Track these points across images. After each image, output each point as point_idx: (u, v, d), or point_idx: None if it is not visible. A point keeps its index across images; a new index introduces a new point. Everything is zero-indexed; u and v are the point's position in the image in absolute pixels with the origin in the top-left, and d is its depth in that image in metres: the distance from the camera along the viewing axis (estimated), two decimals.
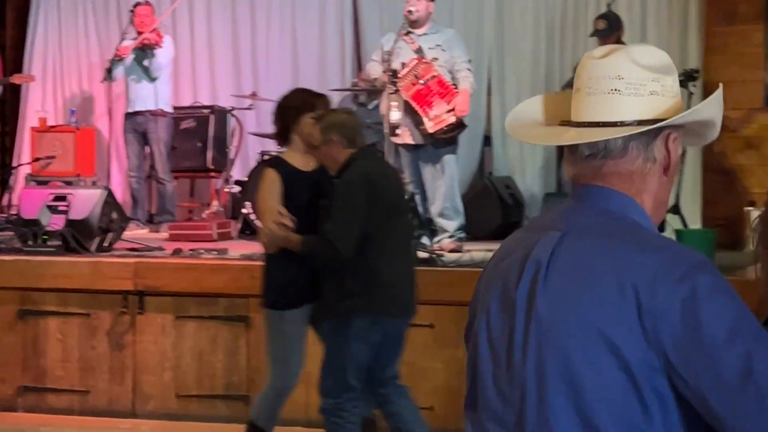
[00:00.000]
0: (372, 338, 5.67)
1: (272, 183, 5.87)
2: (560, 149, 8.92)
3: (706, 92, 9.93)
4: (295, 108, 6.02)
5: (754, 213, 9.18)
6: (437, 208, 9.02)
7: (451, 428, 7.24)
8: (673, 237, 8.22)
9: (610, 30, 9.46)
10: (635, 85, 2.23)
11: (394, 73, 8.82)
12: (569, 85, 9.88)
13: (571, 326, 2.12)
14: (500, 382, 2.23)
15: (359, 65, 12.06)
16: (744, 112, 9.78)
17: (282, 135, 6.12)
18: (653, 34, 10.87)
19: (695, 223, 9.68)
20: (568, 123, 2.30)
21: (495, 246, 8.13)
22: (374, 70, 9.00)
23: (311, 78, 12.01)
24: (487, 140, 11.45)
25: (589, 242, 2.18)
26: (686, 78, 9.27)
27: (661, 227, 9.12)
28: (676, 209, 9.44)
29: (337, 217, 5.61)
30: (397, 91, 8.92)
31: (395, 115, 9.05)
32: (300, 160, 6.01)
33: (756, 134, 9.74)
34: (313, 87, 11.61)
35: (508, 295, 2.23)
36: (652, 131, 2.22)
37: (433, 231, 9.13)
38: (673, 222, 9.33)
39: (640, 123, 2.22)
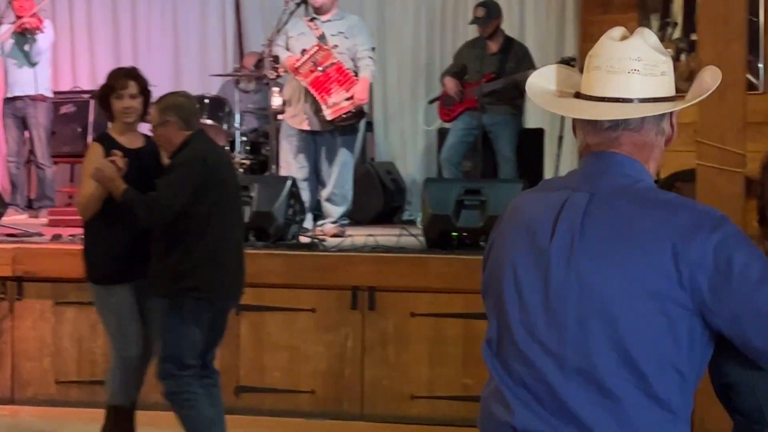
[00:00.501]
0: (205, 318, 5.73)
1: (95, 155, 5.87)
2: (441, 135, 9.01)
3: None
4: (104, 87, 6.06)
5: None
6: (326, 193, 9.04)
7: (332, 412, 7.31)
8: None
9: (489, 17, 9.57)
10: (651, 66, 2.52)
11: (276, 59, 8.85)
12: (449, 72, 9.99)
13: (612, 277, 2.40)
14: (531, 327, 2.49)
15: (241, 51, 12.05)
16: None
17: (106, 114, 6.15)
18: (531, 22, 11.04)
19: None
20: (582, 96, 2.57)
21: (377, 231, 8.16)
22: (279, 55, 8.96)
23: (192, 63, 11.99)
24: (369, 126, 11.50)
25: (621, 203, 2.46)
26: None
27: None
28: None
29: (164, 186, 5.65)
30: (278, 76, 8.94)
31: (276, 100, 9.08)
32: (125, 137, 6.03)
33: None
34: (195, 72, 11.77)
35: (541, 250, 2.50)
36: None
37: (317, 216, 9.17)
38: None
39: (656, 100, 2.52)
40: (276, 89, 9.17)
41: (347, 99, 8.71)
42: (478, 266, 7.50)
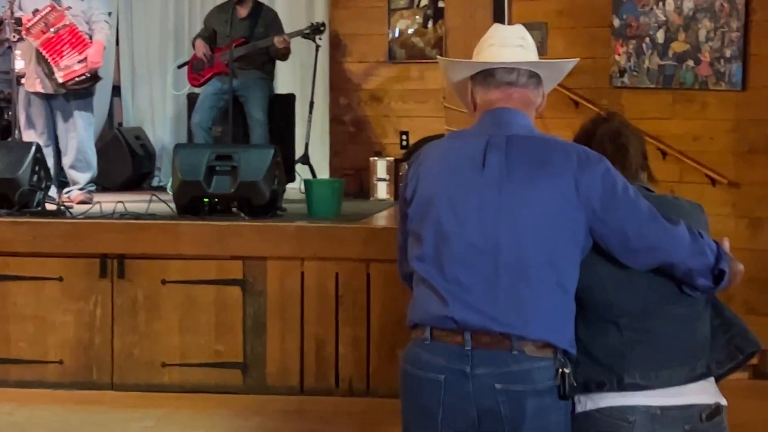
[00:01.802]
0: None
1: None
2: (191, 100, 8.88)
3: (332, 45, 10.17)
4: None
5: (380, 162, 9.50)
6: (69, 160, 8.86)
7: (81, 381, 7.18)
8: (302, 187, 8.42)
9: None
10: (529, 45, 3.47)
11: (18, 21, 8.59)
12: (199, 36, 9.86)
13: (533, 198, 3.22)
14: (468, 236, 3.24)
15: None
16: (369, 65, 10.08)
17: None
18: None
19: (323, 173, 9.92)
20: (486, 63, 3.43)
21: (126, 197, 7.97)
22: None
23: None
24: (116, 90, 11.31)
25: (531, 144, 3.31)
26: (313, 31, 9.46)
27: (291, 177, 9.32)
28: (305, 159, 9.64)
29: None
30: (20, 38, 8.69)
31: (19, 64, 8.82)
32: None
33: (380, 87, 10.06)
34: None
35: (474, 178, 3.27)
36: (538, 78, 3.45)
37: (62, 183, 8.97)
38: (302, 172, 9.53)
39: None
40: (19, 52, 8.90)
41: (80, 62, 8.56)
42: (229, 232, 7.46)
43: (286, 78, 10.68)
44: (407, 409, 3.33)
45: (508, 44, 3.41)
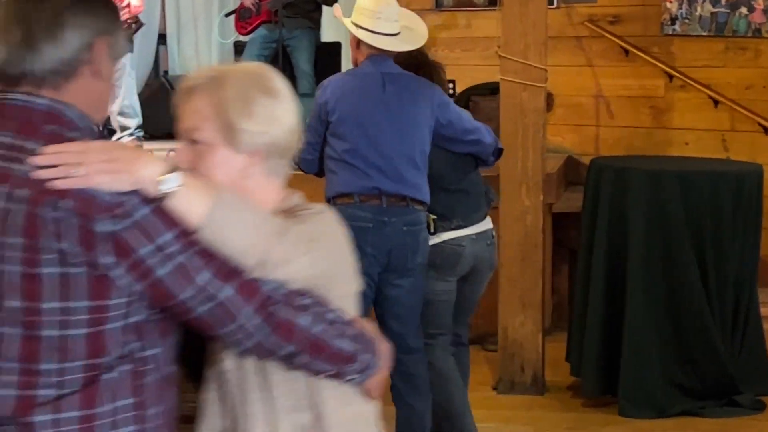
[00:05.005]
0: None
1: None
2: (238, 49, 8.83)
3: None
4: None
5: None
6: (116, 106, 8.92)
7: None
8: None
9: None
10: (397, 18, 4.93)
11: None
12: None
13: (416, 109, 4.86)
14: (382, 138, 4.85)
15: None
16: (415, 12, 9.98)
17: None
18: None
19: None
20: (375, 32, 4.91)
21: (175, 145, 8.01)
22: None
23: None
24: (162, 38, 11.29)
25: (407, 76, 4.98)
26: None
27: None
28: None
29: None
30: None
31: None
32: None
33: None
34: None
35: (378, 99, 4.87)
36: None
37: (111, 131, 8.99)
38: None
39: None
40: None
41: (122, 8, 8.55)
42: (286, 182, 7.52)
43: (331, 26, 10.62)
44: None
45: (390, 19, 4.90)
